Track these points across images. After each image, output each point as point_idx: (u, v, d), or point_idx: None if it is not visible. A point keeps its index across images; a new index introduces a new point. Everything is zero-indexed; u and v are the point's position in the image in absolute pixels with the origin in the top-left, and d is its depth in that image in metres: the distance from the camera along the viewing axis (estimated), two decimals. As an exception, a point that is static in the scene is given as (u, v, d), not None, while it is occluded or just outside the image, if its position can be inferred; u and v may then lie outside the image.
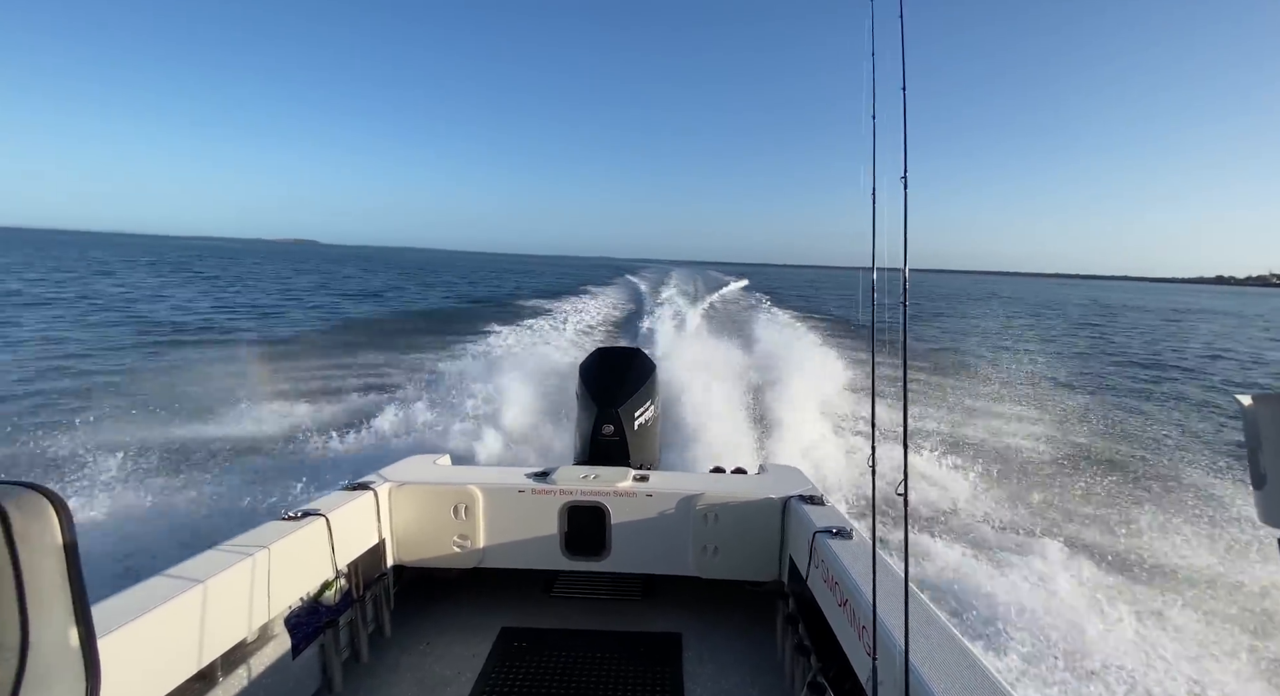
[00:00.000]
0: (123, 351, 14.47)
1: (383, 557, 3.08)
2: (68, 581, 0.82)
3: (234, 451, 7.18)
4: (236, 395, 9.35)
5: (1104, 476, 7.56)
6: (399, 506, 3.11)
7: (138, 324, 19.13)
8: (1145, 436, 10.18)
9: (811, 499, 2.94)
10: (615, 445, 3.63)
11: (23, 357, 12.93)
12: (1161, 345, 25.61)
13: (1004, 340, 22.68)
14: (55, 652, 0.81)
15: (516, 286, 48.02)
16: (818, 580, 2.47)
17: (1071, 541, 5.61)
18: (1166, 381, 16.53)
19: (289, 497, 5.41)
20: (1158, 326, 36.16)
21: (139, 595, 1.90)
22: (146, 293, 29.06)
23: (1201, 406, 13.08)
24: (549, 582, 3.52)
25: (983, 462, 7.52)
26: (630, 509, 3.06)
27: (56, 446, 6.73)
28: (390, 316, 25.33)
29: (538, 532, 3.10)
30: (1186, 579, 5.05)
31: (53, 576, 0.80)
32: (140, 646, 1.79)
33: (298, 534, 2.50)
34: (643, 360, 4.08)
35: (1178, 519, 6.18)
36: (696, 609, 3.28)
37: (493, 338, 15.23)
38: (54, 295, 25.55)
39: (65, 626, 0.82)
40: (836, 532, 2.52)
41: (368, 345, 16.26)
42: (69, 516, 0.83)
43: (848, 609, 2.12)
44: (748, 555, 3.02)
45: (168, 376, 11.29)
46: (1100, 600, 4.49)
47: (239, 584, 2.18)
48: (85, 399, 9.47)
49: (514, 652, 2.93)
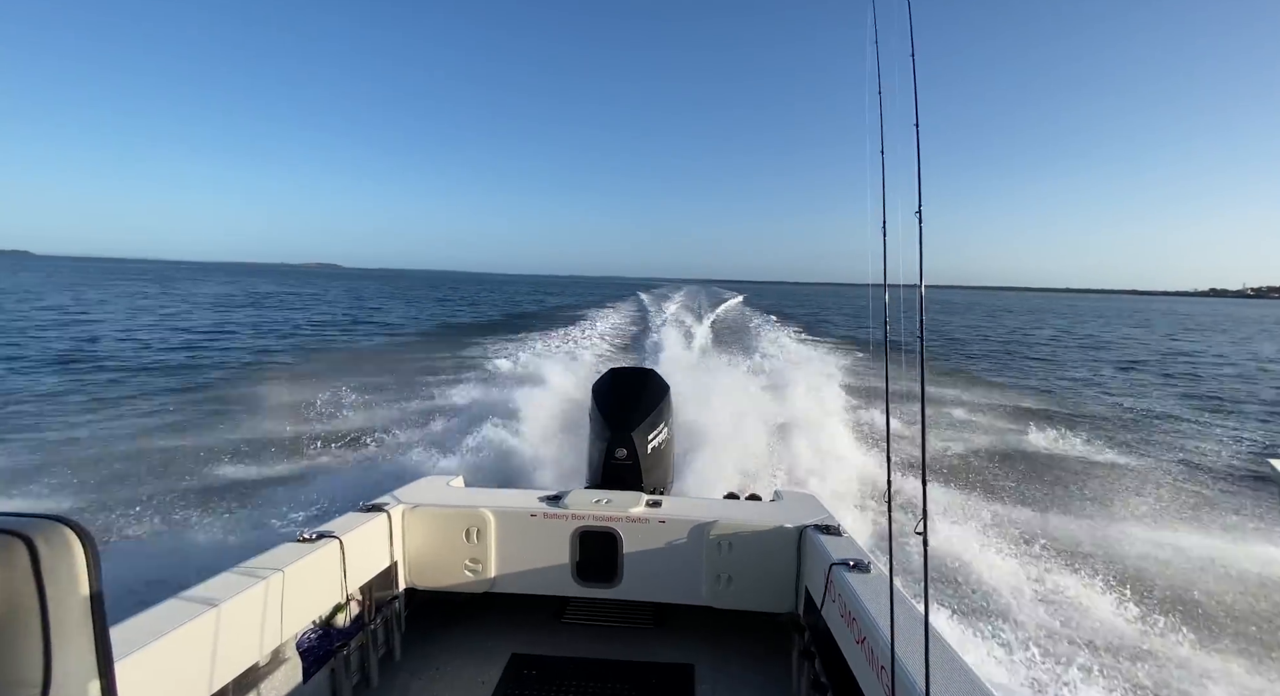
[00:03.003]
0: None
1: (394, 580, 3.07)
2: (91, 617, 0.82)
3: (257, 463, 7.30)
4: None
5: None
6: (412, 529, 3.11)
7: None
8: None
9: (828, 529, 2.89)
10: (628, 469, 3.61)
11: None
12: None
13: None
14: (76, 685, 0.81)
15: (539, 304, 50.32)
16: (834, 614, 2.43)
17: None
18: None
19: (308, 515, 5.47)
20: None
21: (155, 618, 1.91)
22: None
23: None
24: (559, 608, 3.49)
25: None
26: (642, 535, 3.04)
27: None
28: (404, 335, 25.95)
29: (549, 557, 3.08)
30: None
31: (78, 612, 0.81)
32: (155, 671, 1.79)
33: (311, 556, 2.51)
34: (656, 381, 4.06)
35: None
36: (709, 639, 3.23)
37: (509, 356, 15.31)
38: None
39: (87, 663, 0.82)
40: (854, 565, 2.47)
41: (395, 359, 16.68)
42: (95, 551, 0.83)
43: (865, 646, 2.08)
44: (762, 585, 2.97)
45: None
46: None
47: (253, 607, 2.19)
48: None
49: (524, 680, 2.90)
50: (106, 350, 17.44)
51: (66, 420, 9.73)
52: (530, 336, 21.10)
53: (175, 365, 15.69)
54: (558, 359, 14.72)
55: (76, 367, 14.50)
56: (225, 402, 11.09)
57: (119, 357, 16.17)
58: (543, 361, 13.70)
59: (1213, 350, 30.43)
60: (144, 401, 11.29)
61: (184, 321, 26.56)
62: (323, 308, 39.76)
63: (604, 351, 17.75)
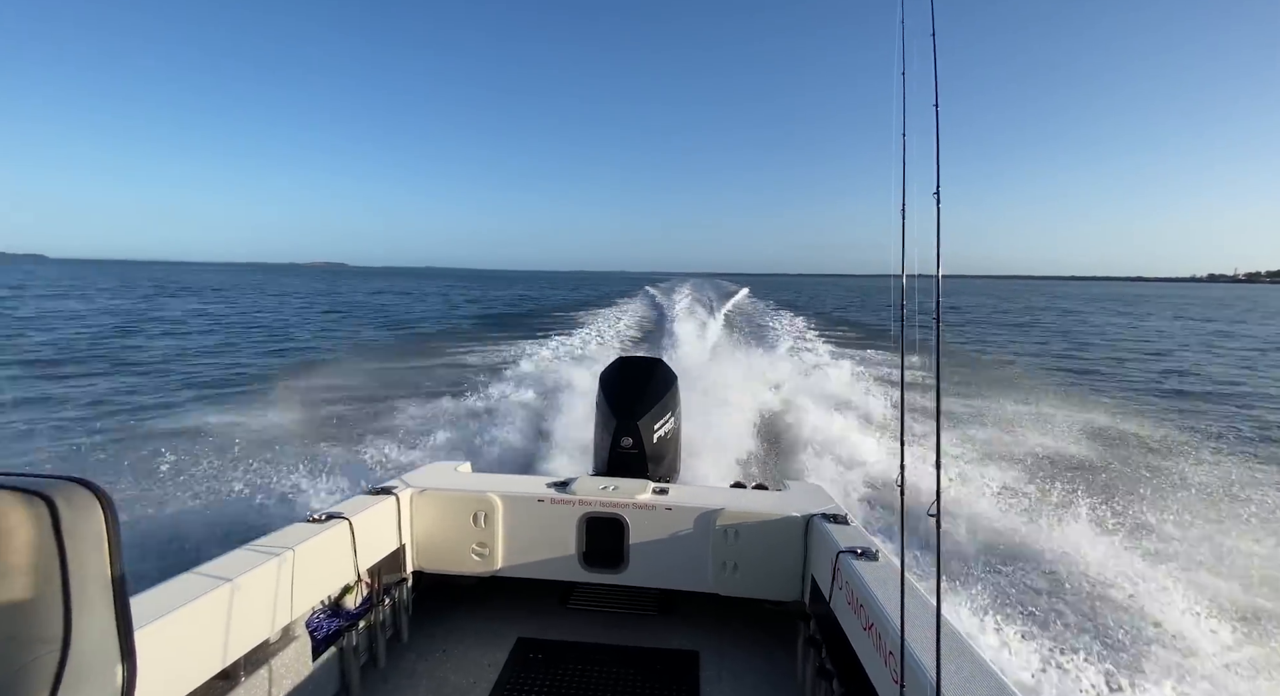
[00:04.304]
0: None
1: (402, 563, 3.09)
2: (110, 576, 0.83)
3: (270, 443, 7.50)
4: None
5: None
6: (420, 512, 3.12)
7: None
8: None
9: (835, 517, 2.88)
10: (634, 458, 3.60)
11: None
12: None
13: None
14: (96, 646, 0.81)
15: (548, 299, 51.55)
16: (841, 602, 2.42)
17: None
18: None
19: (316, 498, 5.55)
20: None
21: (169, 592, 1.93)
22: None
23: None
24: (566, 594, 3.49)
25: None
26: (649, 522, 3.03)
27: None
28: (411, 331, 26.49)
29: (555, 543, 3.09)
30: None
31: (97, 571, 0.81)
32: (168, 644, 1.81)
33: (321, 536, 2.52)
34: (664, 371, 4.03)
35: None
36: (715, 627, 3.23)
37: (518, 348, 15.36)
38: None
39: (106, 620, 0.83)
40: (861, 553, 2.45)
41: (402, 354, 17.03)
42: (114, 512, 0.84)
43: (873, 633, 2.06)
44: (768, 573, 2.97)
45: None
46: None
47: (264, 584, 2.21)
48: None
49: (530, 664, 2.91)
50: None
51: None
52: (547, 332, 21.28)
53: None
54: (572, 351, 14.75)
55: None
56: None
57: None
58: (556, 354, 13.73)
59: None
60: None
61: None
62: (433, 303, 45.93)
63: (618, 342, 17.80)
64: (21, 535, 0.74)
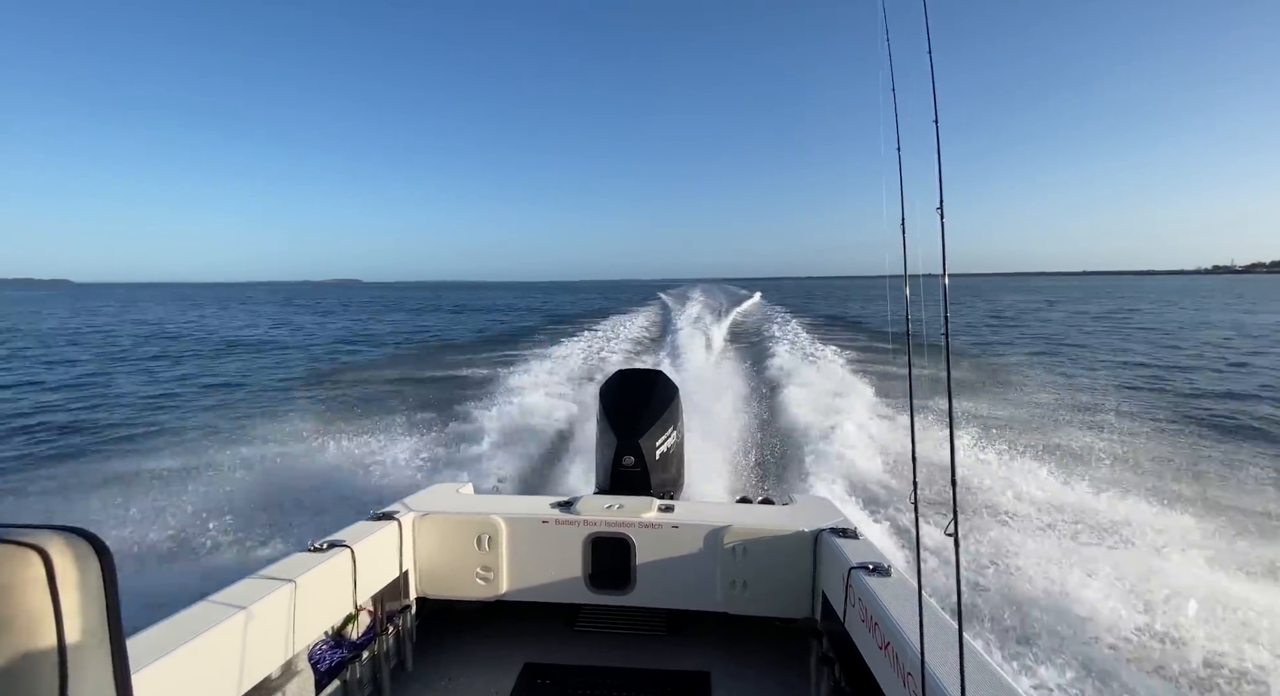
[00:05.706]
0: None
1: (405, 589, 3.03)
2: (107, 629, 0.80)
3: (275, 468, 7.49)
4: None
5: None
6: (423, 537, 3.07)
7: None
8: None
9: (844, 532, 2.80)
10: (636, 476, 3.53)
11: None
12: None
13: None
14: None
15: (559, 308, 52.28)
16: (855, 620, 2.34)
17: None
18: None
19: (320, 524, 5.52)
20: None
21: (169, 630, 1.89)
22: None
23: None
24: (572, 616, 3.42)
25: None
26: (655, 540, 2.97)
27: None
28: (416, 343, 26.70)
29: (561, 564, 3.03)
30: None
31: (94, 624, 0.78)
32: (168, 685, 1.77)
33: (323, 566, 2.48)
34: (665, 383, 3.96)
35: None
36: (725, 646, 3.15)
37: (520, 362, 15.34)
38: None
39: (104, 674, 0.80)
40: (874, 569, 2.38)
41: (408, 366, 17.03)
42: (111, 562, 0.81)
43: (890, 652, 1.99)
44: (778, 590, 2.89)
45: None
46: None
47: (266, 619, 2.16)
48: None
49: (538, 689, 2.84)
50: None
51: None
52: (565, 338, 21.29)
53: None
54: (578, 360, 14.70)
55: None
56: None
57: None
58: (560, 366, 13.68)
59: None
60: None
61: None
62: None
63: (621, 353, 17.75)
64: (14, 590, 0.72)
